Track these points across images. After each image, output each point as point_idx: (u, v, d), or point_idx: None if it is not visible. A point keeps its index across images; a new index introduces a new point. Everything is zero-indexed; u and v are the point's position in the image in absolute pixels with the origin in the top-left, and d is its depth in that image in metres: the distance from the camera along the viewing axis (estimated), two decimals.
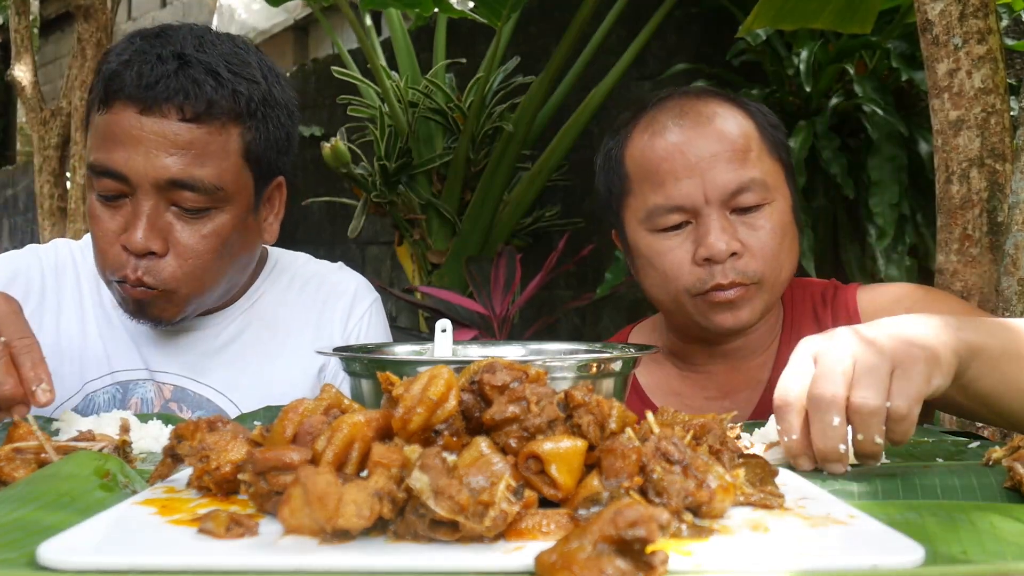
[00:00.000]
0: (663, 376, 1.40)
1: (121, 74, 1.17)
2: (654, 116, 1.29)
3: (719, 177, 1.21)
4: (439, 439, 0.62)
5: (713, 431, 0.73)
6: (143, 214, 1.19)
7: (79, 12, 5.16)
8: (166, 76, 1.17)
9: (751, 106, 1.31)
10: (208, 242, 1.22)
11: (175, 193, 1.19)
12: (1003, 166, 1.71)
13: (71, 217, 5.46)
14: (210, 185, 1.20)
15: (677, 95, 1.32)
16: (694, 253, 1.22)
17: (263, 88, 1.24)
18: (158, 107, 1.17)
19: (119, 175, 1.18)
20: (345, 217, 4.12)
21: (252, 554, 0.53)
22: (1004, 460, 0.75)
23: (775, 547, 0.55)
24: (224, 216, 1.23)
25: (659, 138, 1.26)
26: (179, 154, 1.17)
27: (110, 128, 1.19)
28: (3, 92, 12.22)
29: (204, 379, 1.36)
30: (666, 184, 1.23)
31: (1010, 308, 1.59)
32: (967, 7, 1.71)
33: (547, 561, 0.49)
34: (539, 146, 3.62)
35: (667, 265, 1.24)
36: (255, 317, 1.41)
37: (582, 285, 3.85)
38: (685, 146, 1.23)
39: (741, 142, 1.24)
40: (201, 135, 1.18)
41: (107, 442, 0.81)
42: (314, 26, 7.51)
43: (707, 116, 1.26)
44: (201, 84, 1.18)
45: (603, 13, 3.33)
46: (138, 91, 1.16)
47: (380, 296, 1.53)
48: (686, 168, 1.22)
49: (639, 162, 1.28)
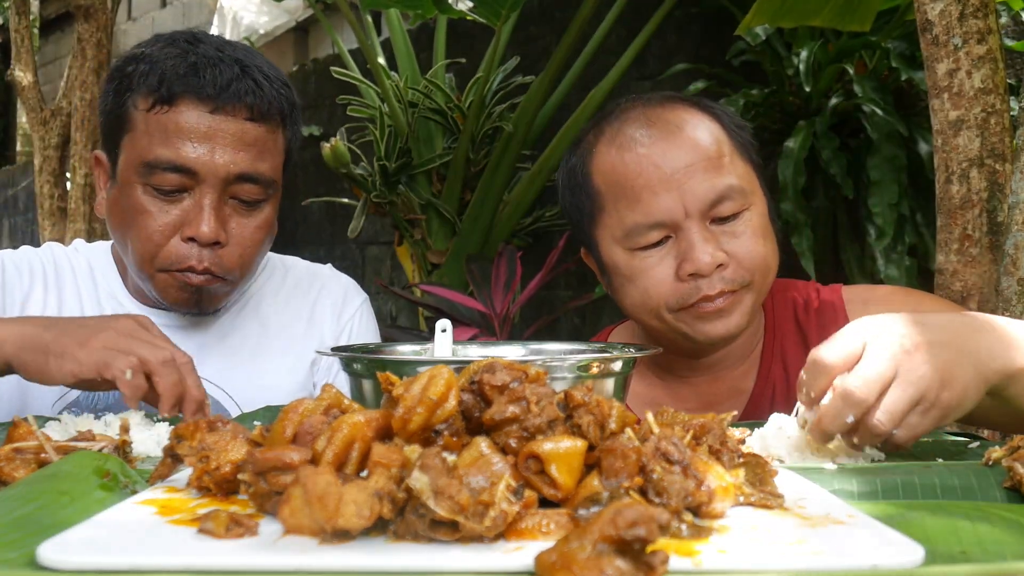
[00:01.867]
0: (644, 386, 1.37)
1: (191, 76, 1.25)
2: (619, 128, 1.24)
3: (697, 188, 1.17)
4: (439, 439, 0.62)
5: (713, 431, 0.73)
6: (209, 207, 1.26)
7: (79, 12, 5.16)
8: (236, 79, 1.27)
9: (716, 109, 1.27)
10: (260, 232, 1.33)
11: (238, 186, 1.28)
12: (1003, 166, 1.70)
13: (71, 217, 5.46)
14: (269, 179, 1.30)
15: (639, 103, 1.27)
16: (677, 268, 1.19)
17: (291, 92, 1.35)
18: (230, 107, 1.26)
19: (188, 170, 1.25)
20: (345, 217, 4.12)
21: (252, 554, 0.53)
22: (1004, 460, 0.75)
23: (775, 547, 0.55)
24: (269, 209, 1.34)
25: (628, 151, 1.21)
26: (246, 150, 1.27)
27: (177, 125, 1.25)
28: (3, 92, 12.21)
29: (201, 372, 1.37)
30: (642, 200, 1.19)
31: (1010, 308, 1.59)
32: (967, 7, 1.71)
33: (547, 561, 0.49)
34: (539, 146, 3.62)
35: (649, 283, 1.21)
36: (250, 313, 1.46)
37: (582, 285, 3.85)
38: (659, 158, 1.19)
39: (714, 149, 1.20)
40: (263, 133, 1.29)
41: (107, 442, 0.81)
42: (314, 27, 7.51)
43: (675, 124, 1.21)
44: (263, 87, 1.29)
45: (603, 13, 3.33)
46: (211, 92, 1.25)
47: (378, 295, 1.56)
48: (662, 181, 1.18)
49: (610, 178, 1.23)
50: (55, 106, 5.95)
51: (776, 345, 1.32)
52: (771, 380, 1.32)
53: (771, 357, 1.32)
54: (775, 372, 1.32)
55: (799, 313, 1.34)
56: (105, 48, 5.21)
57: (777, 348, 1.32)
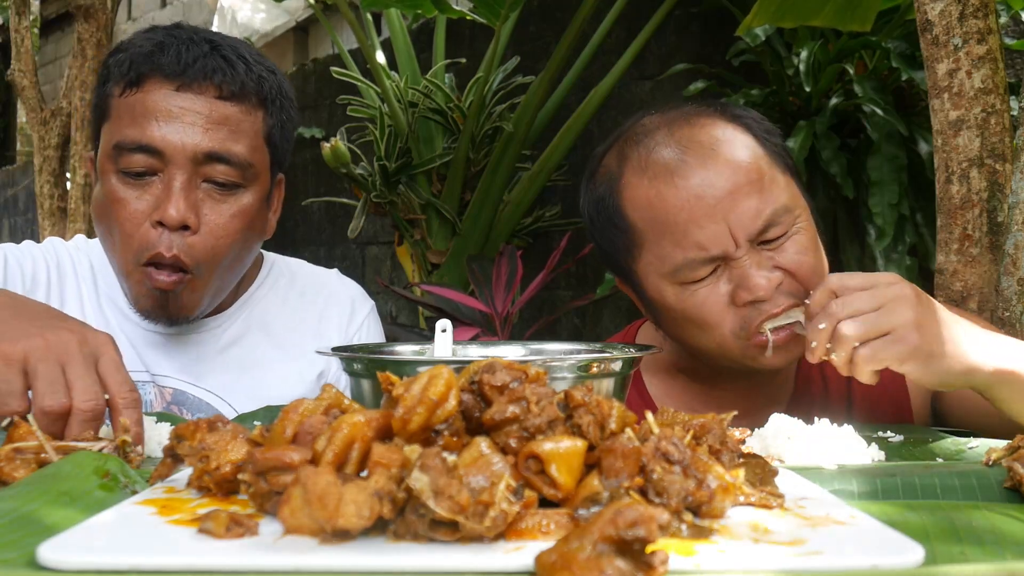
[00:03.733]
0: (676, 389, 1.33)
1: (156, 55, 1.22)
2: (647, 155, 1.16)
3: (744, 216, 1.11)
4: (439, 439, 0.62)
5: (713, 431, 0.73)
6: (177, 188, 1.20)
7: (79, 12, 5.16)
8: (202, 56, 1.22)
9: (743, 117, 1.20)
10: (236, 221, 1.25)
11: (209, 167, 1.22)
12: (1003, 166, 1.70)
13: (71, 217, 5.46)
14: (243, 160, 1.24)
15: (662, 122, 1.19)
16: (732, 295, 1.13)
17: (278, 79, 1.30)
18: (196, 84, 1.21)
19: (153, 149, 1.20)
20: (345, 217, 4.12)
21: (252, 554, 0.53)
22: (1004, 460, 0.75)
23: (775, 547, 0.55)
24: (249, 196, 1.26)
25: (664, 183, 1.13)
26: (215, 129, 1.22)
27: (144, 106, 1.21)
28: (3, 92, 12.21)
29: (203, 383, 1.36)
30: (689, 234, 1.12)
31: (1010, 308, 1.59)
32: (967, 7, 1.71)
33: (547, 561, 0.49)
34: (539, 146, 3.62)
35: (706, 313, 1.14)
36: (254, 321, 1.41)
37: (582, 285, 3.85)
38: (699, 188, 1.11)
39: (754, 169, 1.13)
40: (235, 112, 1.24)
41: (107, 442, 0.81)
42: (314, 27, 7.51)
43: (709, 147, 1.14)
44: (234, 65, 1.24)
45: (603, 13, 3.33)
46: (176, 69, 1.21)
47: (379, 294, 1.54)
48: (707, 214, 1.11)
49: (647, 213, 1.15)
50: (55, 106, 5.95)
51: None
52: (809, 389, 1.29)
53: (809, 365, 1.27)
54: (814, 380, 1.29)
55: None
56: (105, 48, 5.21)
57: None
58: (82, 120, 5.20)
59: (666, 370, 1.34)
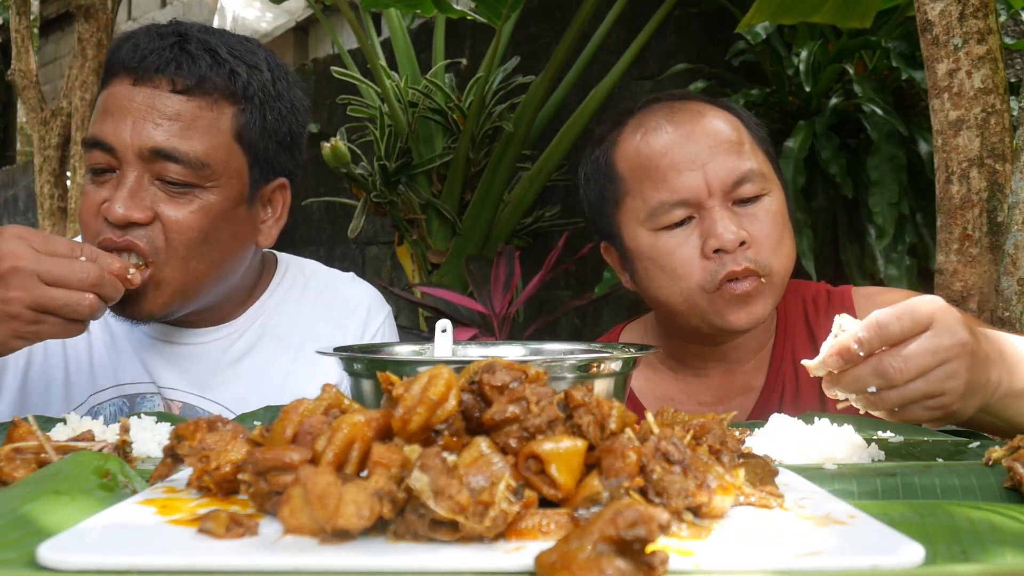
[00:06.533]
0: (657, 381, 1.39)
1: (120, 47, 1.19)
2: (642, 119, 1.30)
3: (720, 168, 1.22)
4: (439, 439, 0.62)
5: (713, 431, 0.73)
6: (125, 186, 1.16)
7: (79, 12, 5.16)
8: (161, 49, 1.17)
9: (733, 106, 1.34)
10: (195, 219, 1.18)
11: (159, 164, 1.16)
12: (1003, 166, 1.70)
13: (71, 217, 5.46)
14: (195, 160, 1.17)
15: (661, 99, 1.33)
16: (702, 247, 1.22)
17: (265, 77, 1.23)
18: (150, 78, 1.17)
19: (106, 145, 1.17)
20: (345, 217, 4.12)
21: (252, 554, 0.53)
22: (1004, 460, 0.75)
23: (775, 547, 0.55)
24: (211, 197, 1.19)
25: (654, 135, 1.26)
26: (165, 124, 1.16)
27: (105, 101, 1.19)
28: (3, 92, 12.21)
29: (214, 396, 1.32)
30: (668, 178, 1.23)
31: (1010, 308, 1.59)
32: (967, 7, 1.71)
33: (547, 561, 0.49)
34: (539, 146, 3.62)
35: (676, 262, 1.24)
36: (267, 330, 1.37)
37: (582, 285, 3.85)
38: (683, 139, 1.24)
39: (735, 135, 1.26)
40: (190, 108, 1.17)
41: (107, 442, 0.80)
42: (314, 27, 7.51)
43: (697, 112, 1.28)
44: (196, 59, 1.17)
45: (603, 13, 3.33)
46: (132, 62, 1.17)
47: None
48: (687, 160, 1.23)
49: (634, 161, 1.27)
50: (55, 106, 5.95)
51: (787, 343, 1.35)
52: (781, 377, 1.34)
53: (782, 355, 1.35)
54: (785, 369, 1.34)
55: (809, 312, 1.37)
56: (105, 48, 5.21)
57: (788, 346, 1.35)
58: (82, 120, 5.20)
59: (647, 363, 1.41)
